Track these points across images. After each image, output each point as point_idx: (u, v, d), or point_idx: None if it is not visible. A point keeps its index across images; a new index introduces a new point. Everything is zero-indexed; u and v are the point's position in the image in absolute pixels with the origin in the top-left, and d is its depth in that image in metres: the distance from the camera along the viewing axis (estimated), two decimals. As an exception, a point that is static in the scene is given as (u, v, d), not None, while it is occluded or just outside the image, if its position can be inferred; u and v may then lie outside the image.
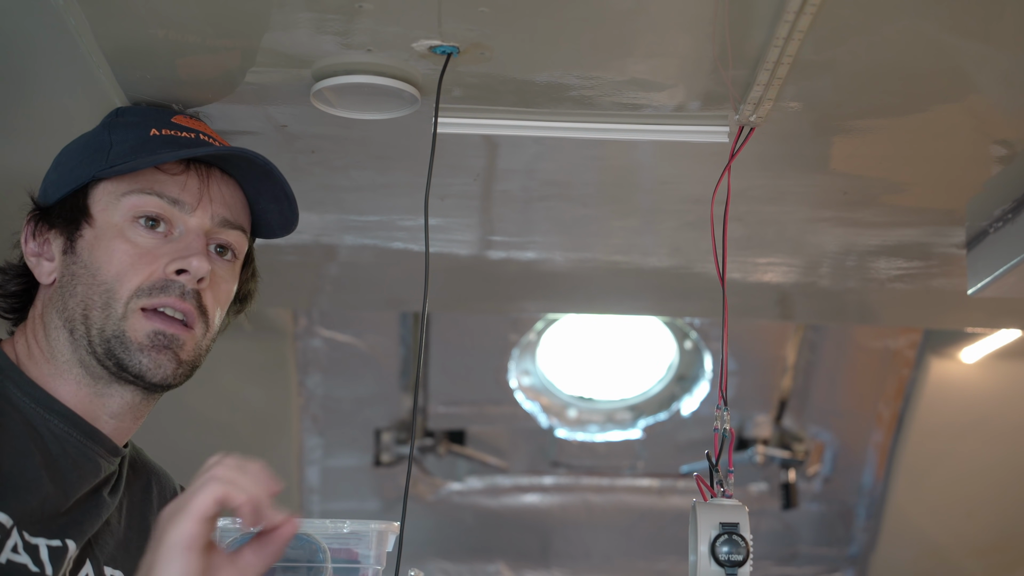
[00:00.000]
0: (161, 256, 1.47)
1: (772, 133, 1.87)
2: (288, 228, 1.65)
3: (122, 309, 1.45)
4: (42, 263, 1.51)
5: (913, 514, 4.47)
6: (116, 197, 1.49)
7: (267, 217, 1.62)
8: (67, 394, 1.47)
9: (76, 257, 1.48)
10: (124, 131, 1.56)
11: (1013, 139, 1.93)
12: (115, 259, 1.46)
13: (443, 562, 4.69)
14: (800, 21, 1.48)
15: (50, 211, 1.52)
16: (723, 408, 1.63)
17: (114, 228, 1.48)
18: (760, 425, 4.39)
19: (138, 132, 1.56)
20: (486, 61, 1.65)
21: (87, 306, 1.46)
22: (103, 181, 1.50)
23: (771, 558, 4.67)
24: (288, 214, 1.62)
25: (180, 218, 1.49)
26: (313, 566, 1.43)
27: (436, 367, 4.22)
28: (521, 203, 2.36)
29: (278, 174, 1.56)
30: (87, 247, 1.48)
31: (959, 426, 4.27)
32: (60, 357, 1.47)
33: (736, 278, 2.82)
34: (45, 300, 1.50)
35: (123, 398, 1.49)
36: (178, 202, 1.49)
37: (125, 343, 1.45)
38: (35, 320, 1.50)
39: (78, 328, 1.46)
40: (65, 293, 1.47)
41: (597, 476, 4.55)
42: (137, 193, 1.48)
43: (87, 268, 1.47)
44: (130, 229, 1.48)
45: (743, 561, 1.51)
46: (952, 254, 2.56)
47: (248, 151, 1.54)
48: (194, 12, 1.54)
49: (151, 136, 1.55)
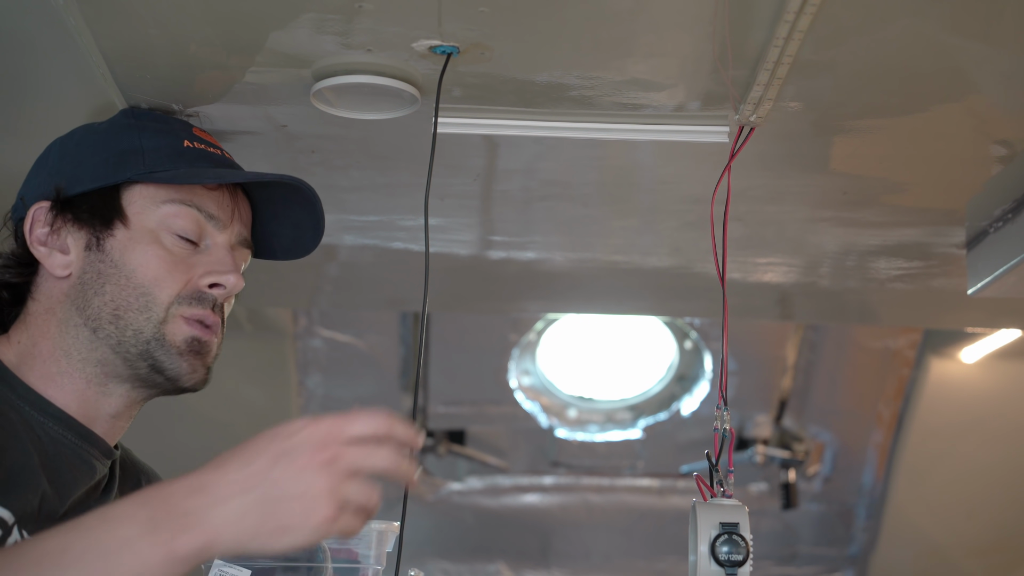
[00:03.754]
0: (195, 266, 1.50)
1: (772, 133, 1.87)
2: (296, 254, 1.69)
3: (163, 313, 1.47)
4: (54, 255, 1.49)
5: (913, 514, 4.47)
6: (155, 203, 1.51)
7: (271, 240, 1.66)
8: (67, 394, 1.46)
9: (104, 255, 1.48)
10: (155, 137, 1.57)
11: (1013, 139, 1.93)
12: (152, 264, 1.48)
13: (443, 562, 4.69)
14: (800, 21, 1.48)
15: (70, 203, 1.51)
16: (723, 408, 1.63)
17: (150, 233, 1.49)
18: (760, 425, 4.40)
19: (170, 141, 1.58)
20: (486, 61, 1.65)
21: (120, 307, 1.46)
22: (139, 184, 1.52)
23: (771, 558, 4.67)
24: (309, 242, 1.67)
25: (211, 232, 1.53)
26: (313, 566, 1.43)
27: (436, 367, 4.23)
28: (521, 203, 2.36)
29: (319, 206, 1.62)
30: (119, 247, 1.48)
31: (959, 426, 4.27)
32: (75, 354, 1.47)
33: (736, 278, 2.82)
34: (56, 294, 1.49)
35: (126, 397, 1.49)
36: (213, 218, 1.53)
37: (165, 346, 1.47)
38: (40, 315, 1.49)
39: (105, 327, 1.46)
40: (88, 291, 1.47)
41: (597, 476, 4.55)
42: (177, 203, 1.51)
43: (119, 269, 1.47)
44: (165, 236, 1.50)
45: (743, 561, 1.51)
46: (952, 254, 2.56)
47: (302, 182, 1.58)
48: (193, 12, 1.54)
49: (186, 148, 1.57)
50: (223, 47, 1.64)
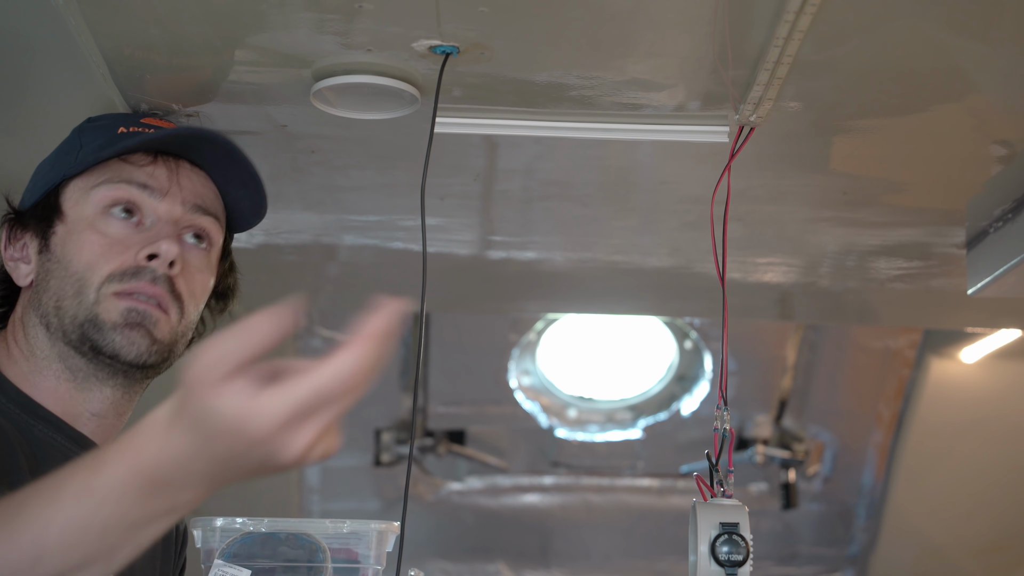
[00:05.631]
0: (133, 245, 1.48)
1: (772, 133, 1.87)
2: (259, 213, 1.65)
3: (94, 295, 1.46)
4: (19, 266, 1.53)
5: (913, 514, 4.47)
6: (85, 191, 1.51)
7: (239, 206, 1.63)
8: (48, 394, 1.47)
9: (51, 254, 1.50)
10: (93, 133, 1.58)
11: (1013, 139, 1.93)
12: (86, 249, 1.48)
13: (443, 562, 4.69)
14: (800, 21, 1.48)
15: (24, 215, 1.54)
16: (723, 408, 1.63)
17: (85, 221, 1.50)
18: (760, 425, 4.40)
19: (106, 132, 1.58)
20: (486, 61, 1.65)
21: (59, 297, 1.47)
22: (73, 179, 1.52)
23: (771, 558, 4.67)
24: (257, 197, 1.62)
25: (151, 206, 1.50)
26: (313, 566, 1.43)
27: (436, 367, 4.23)
28: (521, 203, 2.36)
29: (241, 154, 1.56)
30: (60, 243, 1.50)
31: (959, 426, 4.27)
32: (39, 354, 1.48)
33: (736, 278, 2.82)
34: (24, 302, 1.52)
35: (103, 394, 1.49)
36: (147, 187, 1.50)
37: (98, 324, 1.46)
38: (15, 323, 1.53)
39: (52, 321, 1.48)
40: (39, 290, 1.50)
41: (597, 476, 4.55)
42: (105, 184, 1.50)
43: (59, 262, 1.49)
44: (101, 220, 1.49)
45: (743, 561, 1.51)
46: (952, 254, 2.56)
47: (207, 130, 1.55)
48: (193, 12, 1.54)
49: (119, 134, 1.57)
50: (223, 47, 1.64)
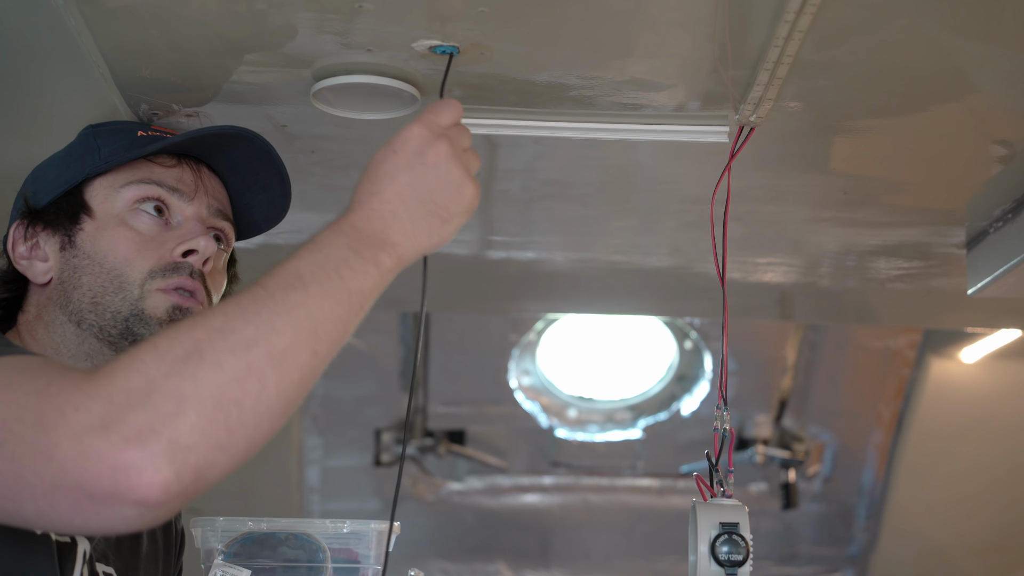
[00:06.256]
0: (166, 241, 1.50)
1: (772, 133, 1.87)
2: (276, 217, 1.69)
3: (138, 291, 1.47)
4: (35, 264, 1.52)
5: (913, 514, 4.47)
6: (115, 189, 1.52)
7: (251, 212, 1.66)
8: None
9: (77, 250, 1.50)
10: (110, 136, 1.59)
11: (1013, 139, 1.93)
12: (121, 246, 1.49)
13: (443, 562, 4.69)
14: (800, 21, 1.48)
15: (40, 213, 1.54)
16: (723, 408, 1.63)
17: (116, 218, 1.51)
18: (760, 425, 4.40)
19: (126, 135, 1.59)
20: (486, 61, 1.65)
21: (97, 294, 1.47)
22: (98, 178, 1.53)
23: (771, 558, 4.67)
24: (280, 199, 1.66)
25: (178, 207, 1.54)
26: (313, 566, 1.44)
27: (436, 367, 4.22)
28: (521, 203, 2.36)
29: (276, 155, 1.61)
30: (88, 239, 1.50)
31: (959, 426, 4.27)
32: (64, 351, 1.48)
33: (736, 278, 2.82)
34: (42, 300, 1.51)
35: None
36: (176, 190, 1.54)
37: (145, 320, 1.47)
38: (30, 324, 1.52)
39: (87, 317, 1.47)
40: (68, 287, 1.49)
41: (597, 476, 4.55)
42: (136, 184, 1.52)
43: (91, 259, 1.49)
44: (132, 217, 1.51)
45: (743, 561, 1.51)
46: (952, 254, 2.56)
47: (248, 131, 1.58)
48: (193, 12, 1.54)
49: (139, 136, 1.59)
50: (223, 47, 1.64)
